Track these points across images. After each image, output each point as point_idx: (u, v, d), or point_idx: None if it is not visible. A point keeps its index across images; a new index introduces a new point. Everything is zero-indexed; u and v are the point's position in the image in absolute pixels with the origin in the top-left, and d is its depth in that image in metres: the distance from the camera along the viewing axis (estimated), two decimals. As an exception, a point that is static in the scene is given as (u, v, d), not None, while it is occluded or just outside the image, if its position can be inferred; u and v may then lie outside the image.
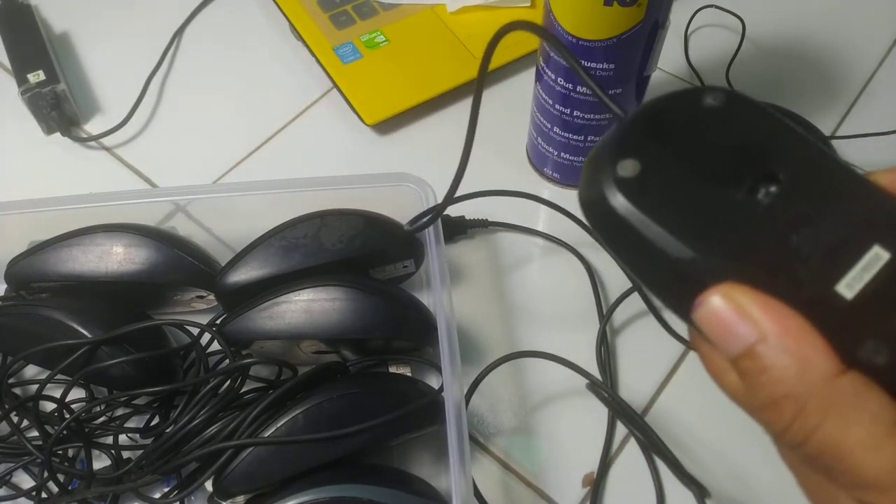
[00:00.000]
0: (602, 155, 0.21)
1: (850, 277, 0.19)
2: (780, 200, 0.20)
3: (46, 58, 0.57)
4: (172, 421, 0.40)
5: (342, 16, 0.60)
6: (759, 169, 0.20)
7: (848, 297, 0.18)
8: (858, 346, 0.18)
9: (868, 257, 0.19)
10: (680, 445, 0.42)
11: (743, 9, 0.60)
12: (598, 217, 0.21)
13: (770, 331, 0.18)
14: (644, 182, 0.20)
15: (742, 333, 0.18)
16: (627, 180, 0.20)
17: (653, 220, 0.19)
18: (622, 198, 0.20)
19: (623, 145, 0.20)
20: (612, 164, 0.20)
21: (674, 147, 0.20)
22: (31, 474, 0.42)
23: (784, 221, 0.19)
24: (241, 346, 0.42)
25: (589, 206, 0.21)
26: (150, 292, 0.44)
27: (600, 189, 0.20)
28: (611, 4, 0.39)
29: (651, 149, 0.20)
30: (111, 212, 0.43)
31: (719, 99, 0.21)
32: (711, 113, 0.21)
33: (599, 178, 0.20)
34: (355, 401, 0.38)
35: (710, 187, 0.20)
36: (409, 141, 0.56)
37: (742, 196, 0.20)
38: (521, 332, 0.47)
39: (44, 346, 0.40)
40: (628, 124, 0.21)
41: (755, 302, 0.18)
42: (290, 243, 0.42)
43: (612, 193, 0.20)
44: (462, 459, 0.35)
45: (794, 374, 0.18)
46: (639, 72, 0.44)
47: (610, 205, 0.20)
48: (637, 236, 0.20)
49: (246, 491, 0.37)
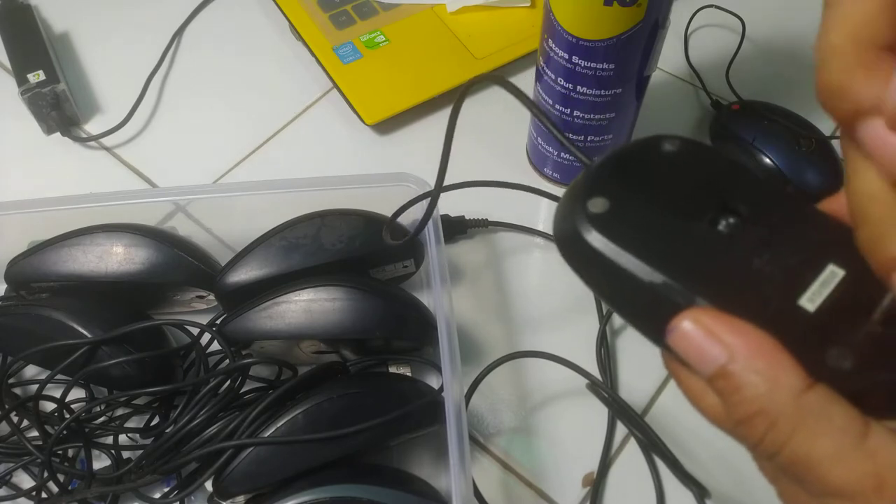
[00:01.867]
0: (573, 195, 0.22)
1: (810, 293, 0.20)
2: (740, 230, 0.21)
3: (46, 58, 0.57)
4: (172, 421, 0.40)
5: (342, 16, 0.60)
6: (717, 203, 0.22)
7: (811, 310, 0.20)
8: (825, 354, 0.19)
9: (825, 275, 0.21)
10: (680, 445, 0.42)
11: (743, 9, 0.60)
12: (573, 252, 0.22)
13: (739, 351, 0.19)
14: (613, 217, 0.21)
15: (713, 354, 0.19)
16: (598, 216, 0.21)
17: (624, 249, 0.21)
18: (595, 232, 0.21)
19: (592, 186, 0.22)
20: (584, 203, 0.22)
21: (639, 187, 0.22)
22: (30, 474, 0.42)
23: (745, 247, 0.21)
24: (241, 346, 0.42)
25: (564, 242, 0.22)
26: (150, 292, 0.44)
27: (573, 225, 0.22)
28: (611, 4, 0.39)
29: (618, 189, 0.22)
30: (111, 212, 0.43)
31: (676, 145, 0.23)
32: (670, 157, 0.23)
33: (572, 215, 0.22)
34: (355, 401, 0.38)
35: (674, 221, 0.22)
36: (409, 141, 0.56)
37: (705, 227, 0.21)
38: (521, 332, 0.47)
39: (44, 346, 0.40)
40: (596, 169, 0.22)
41: (723, 324, 0.20)
42: (290, 243, 0.42)
43: (586, 228, 0.21)
44: (462, 459, 0.35)
45: (763, 392, 0.19)
46: (639, 72, 0.44)
47: (584, 239, 0.21)
48: (611, 266, 0.21)
49: (246, 491, 0.37)
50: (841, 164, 0.52)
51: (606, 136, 0.48)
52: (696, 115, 0.57)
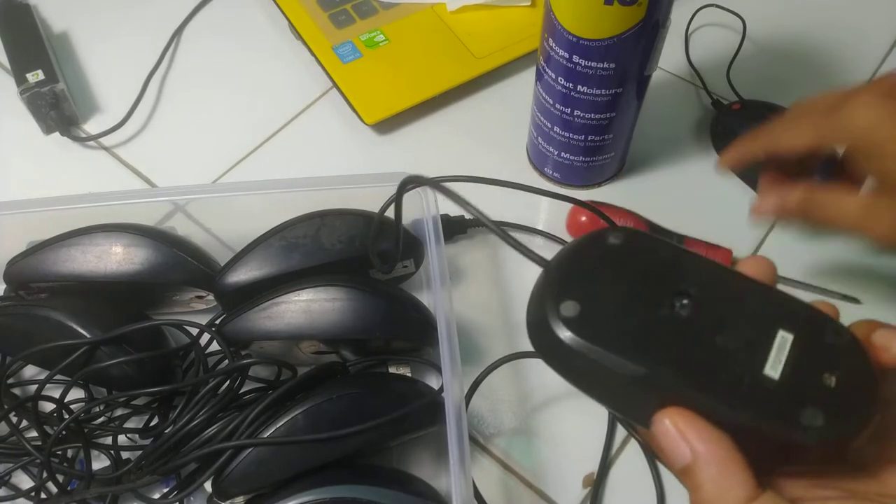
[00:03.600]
0: (543, 302, 0.24)
1: (771, 361, 0.22)
2: (696, 310, 0.23)
3: (45, 57, 0.57)
4: (172, 421, 0.39)
5: (342, 15, 0.60)
6: (671, 288, 0.24)
7: (776, 378, 0.22)
8: (798, 416, 0.22)
9: (778, 341, 0.23)
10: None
11: (743, 8, 0.60)
12: (556, 356, 0.24)
13: (700, 455, 0.22)
14: (586, 319, 0.23)
15: (682, 453, 0.22)
16: (573, 320, 0.23)
17: (606, 350, 0.22)
18: (576, 337, 0.23)
19: (560, 290, 0.24)
20: (556, 310, 0.23)
21: (599, 283, 0.24)
22: (30, 475, 0.42)
23: (705, 327, 0.23)
24: (241, 347, 0.42)
25: (544, 346, 0.24)
26: (150, 292, 0.44)
27: (553, 334, 0.23)
28: (611, 4, 0.39)
29: (582, 288, 0.24)
30: (110, 212, 0.43)
31: (620, 237, 0.25)
32: (618, 250, 0.24)
33: (549, 324, 0.23)
34: (355, 401, 0.38)
35: (639, 312, 0.23)
36: (408, 140, 0.56)
37: (666, 314, 0.23)
38: (521, 332, 0.46)
39: (43, 347, 0.40)
40: (557, 271, 0.24)
41: (692, 428, 0.22)
42: (289, 243, 0.42)
43: (565, 335, 0.23)
44: (462, 460, 0.35)
45: (713, 498, 0.22)
46: (639, 71, 0.44)
47: (566, 345, 0.23)
48: (594, 365, 0.23)
49: (245, 491, 0.37)
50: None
51: (607, 135, 0.48)
52: (697, 114, 0.57)
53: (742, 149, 0.40)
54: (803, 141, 0.37)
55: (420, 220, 0.44)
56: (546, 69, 0.46)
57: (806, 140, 0.37)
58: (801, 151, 0.37)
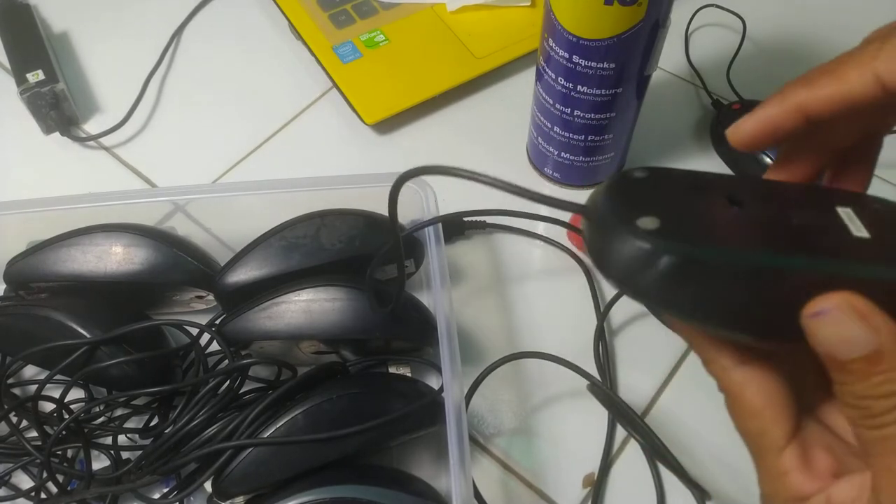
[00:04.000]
0: (616, 230, 0.20)
1: (852, 228, 0.22)
2: (757, 207, 0.22)
3: (45, 57, 0.57)
4: (172, 421, 0.39)
5: (342, 15, 0.60)
6: (721, 195, 0.22)
7: (868, 237, 0.22)
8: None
9: (843, 214, 0.23)
10: (681, 447, 0.42)
11: (743, 8, 0.60)
12: (659, 278, 0.20)
13: (887, 341, 0.20)
14: (671, 227, 0.20)
15: (864, 340, 0.20)
16: (660, 231, 0.20)
17: (714, 246, 0.20)
18: (677, 243, 0.19)
19: (625, 213, 0.20)
20: (634, 230, 0.20)
21: (654, 202, 0.21)
22: (30, 475, 0.42)
23: (778, 217, 0.22)
24: (241, 347, 0.42)
25: (641, 273, 0.20)
26: (150, 292, 0.44)
27: (646, 252, 0.20)
28: (611, 4, 0.39)
29: (642, 207, 0.21)
30: (110, 212, 0.43)
31: (644, 171, 0.23)
32: (648, 180, 0.23)
33: (635, 244, 0.20)
34: (355, 401, 0.38)
35: (711, 214, 0.21)
36: (409, 141, 0.56)
37: (735, 211, 0.22)
38: (520, 332, 0.47)
39: (43, 347, 0.40)
40: (604, 203, 0.21)
41: (871, 309, 0.20)
42: (289, 243, 0.42)
43: (664, 247, 0.19)
44: (462, 460, 0.35)
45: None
46: (639, 71, 0.44)
47: (670, 258, 0.19)
48: (709, 270, 0.20)
49: (245, 491, 0.37)
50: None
51: (607, 135, 0.48)
52: (697, 114, 0.57)
53: (766, 115, 0.25)
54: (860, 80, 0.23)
55: (420, 220, 0.44)
56: (546, 69, 0.46)
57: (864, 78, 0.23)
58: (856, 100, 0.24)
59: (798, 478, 0.22)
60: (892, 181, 0.52)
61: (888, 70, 0.23)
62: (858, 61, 0.24)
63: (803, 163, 0.27)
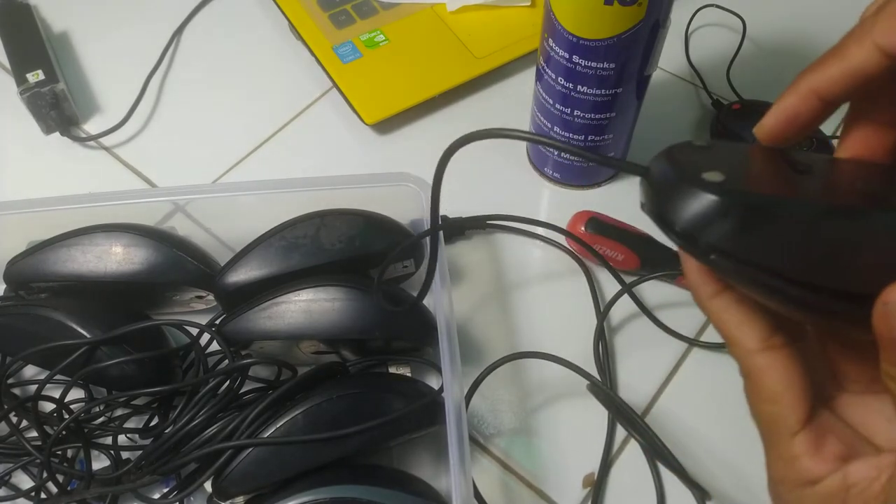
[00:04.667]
0: (680, 186, 0.20)
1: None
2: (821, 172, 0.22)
3: (45, 57, 0.56)
4: (172, 421, 0.39)
5: (342, 15, 0.60)
6: (784, 160, 0.22)
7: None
8: None
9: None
10: (681, 447, 0.42)
11: (743, 8, 0.60)
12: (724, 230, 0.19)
13: None
14: (736, 179, 0.19)
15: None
16: (725, 183, 0.19)
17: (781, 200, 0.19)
18: (747, 191, 0.19)
19: (691, 169, 0.20)
20: (700, 181, 0.19)
21: (718, 162, 0.21)
22: (30, 475, 0.42)
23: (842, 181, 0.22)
24: (241, 347, 0.42)
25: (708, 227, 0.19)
26: (150, 292, 0.44)
27: (709, 202, 0.19)
28: (611, 4, 0.39)
29: (706, 163, 0.20)
30: (110, 212, 0.43)
31: (704, 140, 0.23)
32: (709, 148, 0.22)
33: (700, 197, 0.19)
34: (355, 401, 0.38)
35: (778, 175, 0.21)
36: (409, 141, 0.56)
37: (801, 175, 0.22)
38: (520, 332, 0.47)
39: (43, 347, 0.40)
40: (668, 162, 0.21)
41: None
42: (289, 243, 0.42)
43: (727, 196, 0.19)
44: (462, 460, 0.35)
45: None
46: (639, 71, 0.44)
47: (734, 208, 0.19)
48: (778, 222, 0.19)
49: (245, 491, 0.37)
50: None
51: (607, 135, 0.48)
52: (697, 114, 0.57)
53: (783, 106, 0.24)
54: (861, 53, 0.23)
55: (420, 220, 0.44)
56: (546, 69, 0.46)
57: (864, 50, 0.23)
58: (863, 73, 0.23)
59: (808, 462, 0.23)
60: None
61: (885, 37, 0.22)
62: (857, 36, 0.23)
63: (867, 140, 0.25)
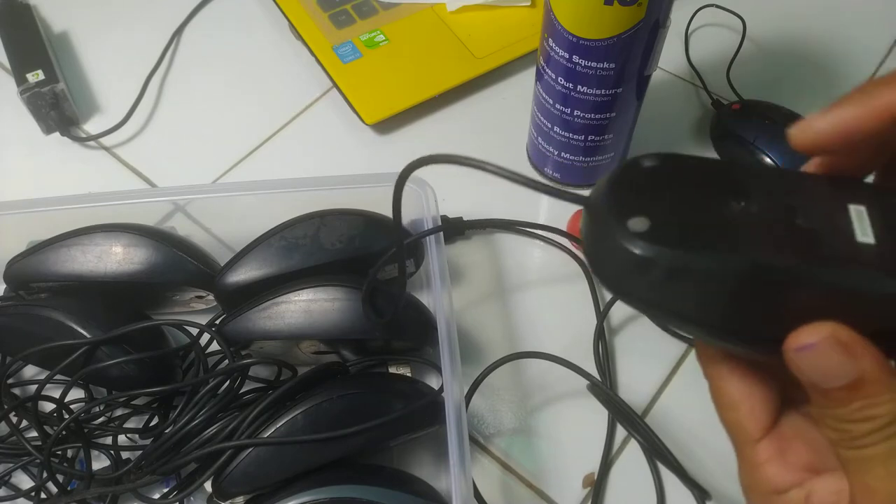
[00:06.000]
0: (604, 231, 0.20)
1: (857, 231, 0.21)
2: (761, 204, 0.21)
3: (45, 57, 0.57)
4: (172, 421, 0.39)
5: (342, 15, 0.60)
6: (726, 189, 0.21)
7: (874, 243, 0.21)
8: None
9: (853, 213, 0.21)
10: (681, 447, 0.42)
11: (743, 8, 0.60)
12: (643, 281, 0.20)
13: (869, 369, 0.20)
14: (661, 229, 0.20)
15: (845, 371, 0.20)
16: (649, 233, 0.19)
17: (700, 251, 0.20)
18: (662, 248, 0.19)
19: (618, 211, 0.20)
20: (626, 229, 0.20)
21: (654, 198, 0.21)
22: (30, 475, 0.42)
23: (780, 216, 0.21)
24: (241, 347, 0.42)
25: (625, 278, 0.20)
26: (150, 292, 0.44)
27: (634, 255, 0.19)
28: (611, 4, 0.39)
29: (638, 204, 0.20)
30: (110, 212, 0.43)
31: (654, 159, 0.22)
32: (657, 169, 0.22)
33: (625, 247, 0.20)
34: (355, 401, 0.38)
35: (708, 214, 0.21)
36: (409, 141, 0.56)
37: (736, 210, 0.21)
38: (520, 332, 0.47)
39: (43, 347, 0.40)
40: (604, 197, 0.21)
41: (857, 340, 0.20)
42: (289, 243, 0.42)
43: (650, 250, 0.19)
44: (462, 460, 0.35)
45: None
46: (639, 71, 0.44)
47: (654, 261, 0.19)
48: (695, 275, 0.20)
49: (245, 491, 0.37)
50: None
51: (607, 135, 0.48)
52: (697, 114, 0.57)
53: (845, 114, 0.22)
54: None
55: (420, 220, 0.44)
56: (546, 69, 0.46)
57: None
58: None
59: (772, 469, 0.23)
60: (892, 181, 0.52)
61: None
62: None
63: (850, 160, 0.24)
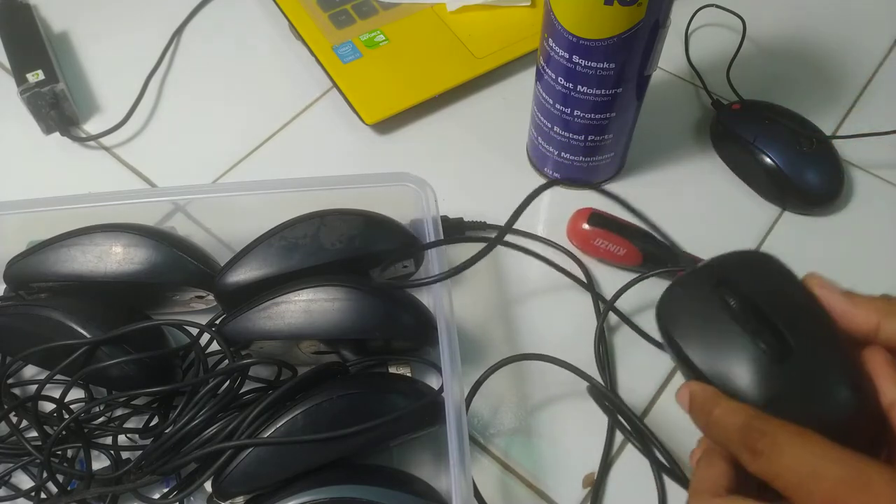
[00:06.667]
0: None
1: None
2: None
3: (45, 57, 0.57)
4: (172, 421, 0.39)
5: (342, 15, 0.60)
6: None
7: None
8: None
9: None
10: (681, 447, 0.42)
11: (743, 8, 0.60)
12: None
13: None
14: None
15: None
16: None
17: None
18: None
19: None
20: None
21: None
22: (30, 475, 0.42)
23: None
24: (241, 347, 0.42)
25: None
26: (150, 292, 0.44)
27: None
28: (611, 4, 0.39)
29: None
30: (110, 212, 0.43)
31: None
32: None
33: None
34: (355, 401, 0.38)
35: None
36: (409, 140, 0.56)
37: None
38: (521, 333, 0.47)
39: (43, 347, 0.40)
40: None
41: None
42: (289, 243, 0.42)
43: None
44: (462, 460, 0.35)
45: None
46: (639, 71, 0.44)
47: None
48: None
49: (245, 491, 0.37)
50: (842, 163, 0.52)
51: (607, 135, 0.48)
52: (697, 114, 0.57)
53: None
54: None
55: (420, 220, 0.44)
56: (546, 69, 0.46)
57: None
58: None
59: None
60: (892, 181, 0.52)
61: None
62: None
63: None
